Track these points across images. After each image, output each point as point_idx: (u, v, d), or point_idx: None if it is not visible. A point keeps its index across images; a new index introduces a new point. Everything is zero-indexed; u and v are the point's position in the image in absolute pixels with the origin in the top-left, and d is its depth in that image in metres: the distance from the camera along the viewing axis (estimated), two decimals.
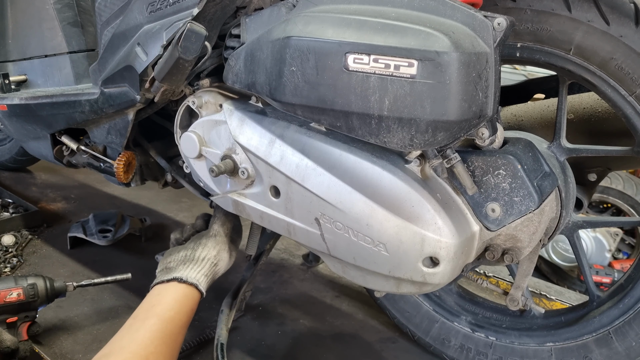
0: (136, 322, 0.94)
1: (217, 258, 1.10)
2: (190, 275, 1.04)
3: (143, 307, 0.98)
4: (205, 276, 1.07)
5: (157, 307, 0.98)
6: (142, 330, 0.92)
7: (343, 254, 0.97)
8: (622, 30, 0.92)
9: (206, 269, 1.07)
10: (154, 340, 0.90)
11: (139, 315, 0.96)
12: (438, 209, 0.88)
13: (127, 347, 0.88)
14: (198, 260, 1.08)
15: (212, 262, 1.09)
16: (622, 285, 1.15)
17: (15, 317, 1.24)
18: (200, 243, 1.12)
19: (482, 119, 0.83)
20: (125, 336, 0.91)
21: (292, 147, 0.98)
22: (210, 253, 1.10)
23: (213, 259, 1.10)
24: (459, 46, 0.77)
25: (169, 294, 1.01)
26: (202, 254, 1.09)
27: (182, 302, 1.00)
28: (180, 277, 1.03)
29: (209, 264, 1.08)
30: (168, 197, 2.33)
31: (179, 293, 1.01)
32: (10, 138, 2.36)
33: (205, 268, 1.07)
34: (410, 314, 1.37)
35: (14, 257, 1.73)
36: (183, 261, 1.07)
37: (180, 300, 1.00)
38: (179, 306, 0.99)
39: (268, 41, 0.94)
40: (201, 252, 1.10)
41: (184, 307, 1.00)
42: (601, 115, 1.15)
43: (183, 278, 1.03)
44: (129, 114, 1.25)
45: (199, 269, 1.06)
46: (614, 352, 1.09)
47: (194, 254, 1.09)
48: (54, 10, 1.53)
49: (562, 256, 2.70)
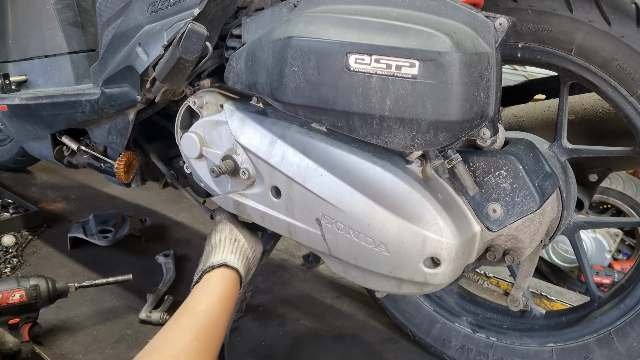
0: (170, 323, 0.91)
1: (232, 234, 1.07)
2: (215, 260, 1.01)
3: (179, 308, 0.95)
4: (231, 253, 1.03)
5: (188, 303, 0.94)
6: (174, 329, 0.89)
7: (344, 255, 0.97)
8: (624, 31, 0.91)
9: (228, 248, 1.04)
10: (184, 338, 0.87)
11: (174, 317, 0.93)
12: (439, 210, 0.88)
13: (158, 348, 0.86)
14: (215, 245, 1.05)
15: (230, 239, 1.06)
16: (623, 285, 1.15)
17: (17, 319, 1.24)
18: (211, 234, 1.10)
19: (484, 120, 0.83)
20: (158, 338, 0.88)
21: (293, 147, 0.97)
22: (222, 234, 1.08)
23: (229, 236, 1.07)
24: (460, 46, 0.77)
25: (199, 288, 0.98)
26: (216, 239, 1.07)
27: (213, 291, 0.96)
28: (207, 267, 1.00)
29: (228, 242, 1.05)
30: (168, 197, 2.33)
31: (210, 283, 0.98)
32: (10, 138, 2.36)
33: (226, 247, 1.04)
34: (411, 314, 1.37)
35: (14, 258, 1.73)
36: (206, 256, 1.05)
37: (212, 290, 0.96)
38: (210, 297, 0.94)
39: (269, 41, 0.94)
40: (214, 238, 1.07)
41: (216, 295, 0.95)
42: (602, 115, 1.15)
43: (210, 266, 1.00)
44: (130, 114, 1.25)
45: (221, 251, 1.03)
46: (615, 353, 1.09)
47: (211, 244, 1.06)
48: (55, 11, 1.53)
49: (562, 257, 2.70)
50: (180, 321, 0.91)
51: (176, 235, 2.00)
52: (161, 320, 1.43)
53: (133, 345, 1.35)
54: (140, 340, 1.37)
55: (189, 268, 1.75)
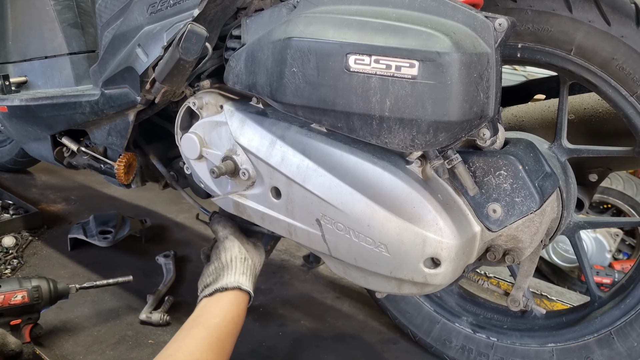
0: (182, 332, 0.95)
1: (242, 253, 1.11)
2: (229, 281, 1.05)
3: (189, 319, 0.99)
4: (243, 275, 1.07)
5: (202, 317, 0.99)
6: (188, 339, 0.93)
7: (344, 255, 0.97)
8: (623, 31, 0.91)
9: (240, 269, 1.08)
10: (198, 347, 0.91)
11: (185, 326, 0.97)
12: (439, 210, 0.88)
13: (174, 355, 0.90)
14: (227, 265, 1.08)
15: (241, 259, 1.09)
16: (624, 285, 1.15)
17: (18, 320, 1.24)
18: (220, 250, 1.12)
19: (483, 120, 0.83)
20: (172, 346, 0.92)
21: (293, 148, 0.97)
22: (233, 253, 1.10)
23: (239, 256, 1.10)
24: (460, 47, 0.77)
25: (213, 304, 1.02)
26: (228, 257, 1.09)
27: (227, 309, 1.01)
28: (221, 287, 1.04)
29: (239, 263, 1.09)
30: (168, 198, 2.33)
31: (223, 301, 1.03)
32: (10, 139, 2.36)
33: (238, 268, 1.08)
34: (411, 314, 1.37)
35: (14, 259, 1.73)
36: (216, 272, 1.08)
37: (225, 308, 1.01)
38: (223, 313, 1.00)
39: (269, 42, 0.94)
40: (225, 256, 1.10)
41: (229, 313, 1.00)
42: (602, 115, 1.15)
43: (224, 287, 1.04)
44: (130, 115, 1.25)
45: (233, 272, 1.07)
46: (616, 353, 1.09)
47: (221, 262, 1.09)
48: (54, 12, 1.53)
49: (562, 257, 2.70)
50: (194, 331, 0.95)
51: (176, 236, 2.00)
52: (161, 321, 1.43)
53: (133, 346, 1.35)
54: (141, 341, 1.37)
55: (189, 269, 1.75)
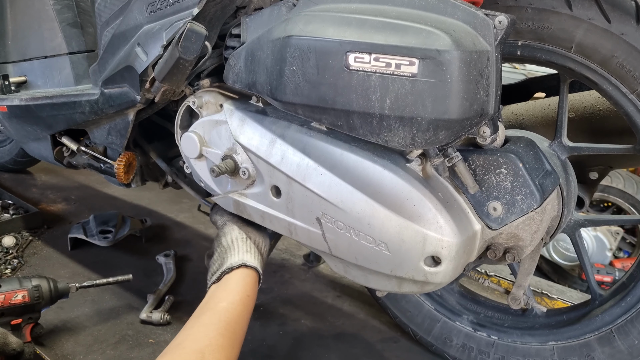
0: (191, 320, 0.93)
1: (242, 234, 1.08)
2: (234, 261, 1.02)
3: (199, 307, 0.97)
4: (247, 252, 1.04)
5: (209, 302, 0.97)
6: (197, 326, 0.91)
7: (344, 254, 0.97)
8: (623, 28, 0.91)
9: (242, 247, 1.05)
10: (208, 333, 0.89)
11: (195, 314, 0.95)
12: (440, 208, 0.87)
13: (182, 343, 0.88)
14: (229, 247, 1.06)
15: (242, 239, 1.07)
16: (624, 283, 1.15)
17: (19, 319, 1.24)
18: (220, 236, 1.10)
19: (484, 118, 0.83)
20: (181, 335, 0.91)
21: (293, 146, 0.97)
22: (232, 234, 1.08)
23: (240, 236, 1.08)
24: (460, 44, 0.76)
25: (220, 288, 0.99)
26: (228, 240, 1.07)
27: (235, 290, 0.98)
28: (226, 268, 1.01)
29: (241, 242, 1.06)
30: (168, 197, 2.33)
31: (230, 283, 0.99)
32: (10, 139, 2.36)
33: (240, 247, 1.05)
34: (411, 313, 1.37)
35: (14, 259, 1.73)
36: (220, 257, 1.05)
37: (233, 289, 0.98)
38: (232, 296, 0.97)
39: (269, 41, 0.94)
40: (225, 240, 1.08)
41: (237, 295, 0.97)
42: (602, 113, 1.15)
43: (229, 267, 1.01)
44: (130, 114, 1.25)
45: (236, 252, 1.04)
46: (617, 351, 1.09)
47: (223, 246, 1.07)
48: (54, 11, 1.53)
49: (562, 255, 2.70)
50: (202, 318, 0.93)
51: (176, 236, 2.00)
52: (162, 321, 1.43)
53: (134, 346, 1.35)
54: (141, 341, 1.37)
55: (189, 268, 1.75)
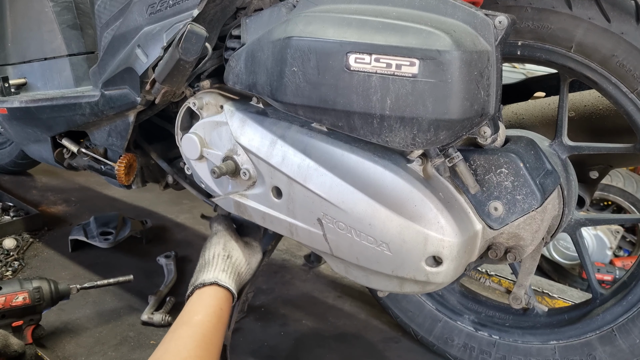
0: (168, 335, 0.95)
1: (226, 251, 1.10)
2: (207, 278, 1.04)
3: (175, 321, 0.99)
4: (223, 272, 1.06)
5: (185, 316, 0.99)
6: (174, 340, 0.92)
7: (346, 254, 0.97)
8: (623, 27, 0.91)
9: (220, 266, 1.07)
10: (186, 346, 0.90)
11: (171, 329, 0.97)
12: (441, 208, 0.88)
13: (161, 357, 0.89)
14: (208, 262, 1.08)
15: (223, 257, 1.08)
16: (625, 282, 1.15)
17: (20, 321, 1.24)
18: (205, 247, 1.12)
19: (484, 118, 0.83)
20: (159, 349, 0.92)
21: (293, 147, 0.97)
22: (216, 250, 1.10)
23: (222, 253, 1.09)
24: (460, 45, 0.76)
25: (194, 302, 1.02)
26: (210, 255, 1.09)
27: (208, 304, 1.00)
28: (199, 284, 1.03)
29: (220, 260, 1.08)
30: (169, 199, 2.33)
31: (204, 296, 1.02)
32: (10, 141, 2.36)
33: (219, 265, 1.07)
34: (413, 313, 1.37)
35: (15, 261, 1.73)
36: (199, 270, 1.08)
37: (207, 303, 1.00)
38: (205, 309, 0.99)
39: (269, 42, 0.94)
40: (208, 253, 1.10)
41: (211, 307, 0.99)
42: (602, 112, 1.15)
43: (202, 283, 1.04)
44: (130, 116, 1.25)
45: (213, 268, 1.06)
46: (618, 350, 1.09)
47: (204, 259, 1.09)
48: (53, 13, 1.53)
49: (563, 254, 2.70)
50: (179, 332, 0.94)
51: (177, 237, 2.00)
52: (163, 322, 1.43)
53: (135, 347, 1.35)
54: (143, 342, 1.37)
55: (190, 269, 1.74)
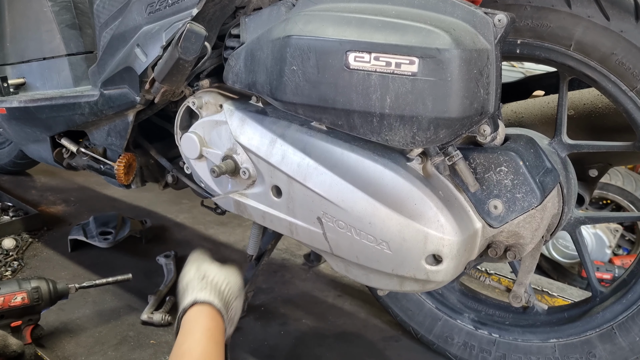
0: None
1: (200, 273, 1.05)
2: (186, 302, 1.00)
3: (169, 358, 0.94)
4: (200, 291, 1.01)
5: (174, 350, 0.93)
6: None
7: (346, 253, 0.97)
8: (623, 26, 0.91)
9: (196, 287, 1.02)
10: None
11: None
12: (440, 207, 0.88)
13: None
14: (184, 290, 1.03)
15: (198, 278, 1.04)
16: (625, 280, 1.15)
17: (19, 321, 1.24)
18: (178, 281, 1.08)
19: (484, 116, 0.83)
20: None
21: (293, 146, 0.97)
22: (188, 276, 1.05)
23: (196, 276, 1.05)
24: (459, 43, 0.77)
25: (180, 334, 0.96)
26: (183, 284, 1.05)
27: (192, 329, 0.95)
28: (180, 315, 0.99)
29: (196, 282, 1.03)
30: (168, 198, 2.33)
31: (186, 323, 0.97)
32: (9, 141, 2.36)
33: (195, 287, 1.02)
34: (413, 312, 1.37)
35: (14, 261, 1.72)
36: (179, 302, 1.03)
37: (189, 329, 0.95)
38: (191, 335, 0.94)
39: (268, 40, 0.94)
40: (181, 283, 1.05)
41: (198, 331, 0.94)
42: (602, 110, 1.15)
43: (182, 311, 0.99)
44: (129, 115, 1.24)
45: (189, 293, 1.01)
46: (618, 348, 1.09)
47: (179, 291, 1.05)
48: (52, 13, 1.52)
49: (562, 253, 2.70)
50: None
51: (177, 236, 2.00)
52: (163, 321, 1.43)
53: (135, 347, 1.35)
54: (142, 342, 1.37)
55: None
